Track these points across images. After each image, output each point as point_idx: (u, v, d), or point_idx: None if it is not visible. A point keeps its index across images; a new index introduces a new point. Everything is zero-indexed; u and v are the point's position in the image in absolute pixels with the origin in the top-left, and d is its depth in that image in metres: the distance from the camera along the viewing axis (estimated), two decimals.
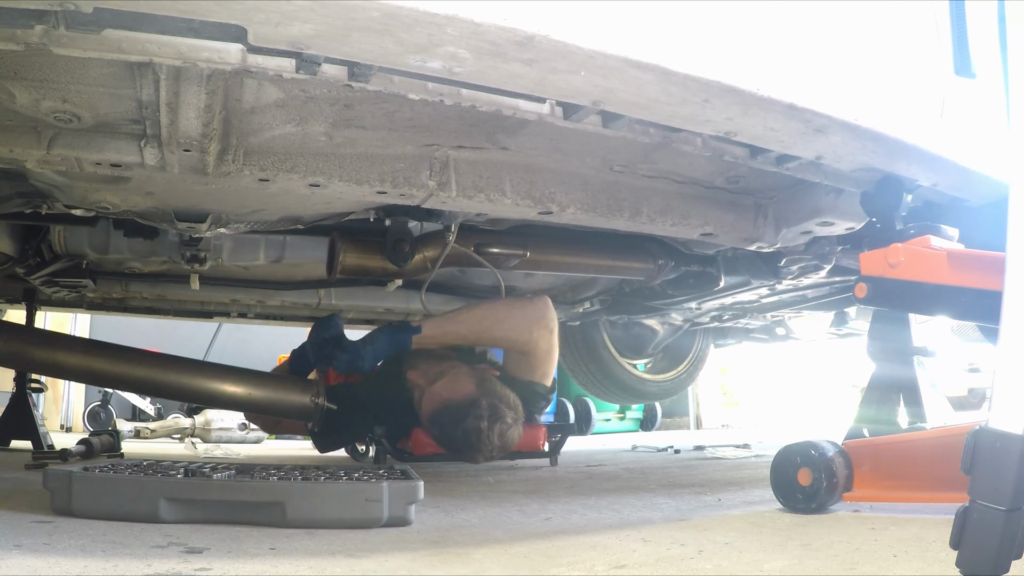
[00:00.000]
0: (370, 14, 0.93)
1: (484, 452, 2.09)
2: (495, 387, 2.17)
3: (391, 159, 1.60)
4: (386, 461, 2.39)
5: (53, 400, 6.47)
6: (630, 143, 1.48)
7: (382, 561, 1.09)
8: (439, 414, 2.16)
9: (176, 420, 4.95)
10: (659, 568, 1.05)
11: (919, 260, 1.45)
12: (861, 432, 1.55)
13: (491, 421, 2.07)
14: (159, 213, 1.88)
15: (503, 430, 2.08)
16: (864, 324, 2.98)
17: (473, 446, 2.08)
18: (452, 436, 2.12)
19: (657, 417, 7.11)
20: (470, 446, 2.09)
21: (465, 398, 2.12)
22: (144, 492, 1.32)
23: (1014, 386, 0.84)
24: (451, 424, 2.11)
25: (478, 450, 2.09)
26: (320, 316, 3.13)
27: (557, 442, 2.87)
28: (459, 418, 2.09)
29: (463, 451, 2.15)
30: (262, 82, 1.32)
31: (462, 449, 2.14)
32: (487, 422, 2.06)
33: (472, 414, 2.07)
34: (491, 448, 2.08)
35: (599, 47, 1.03)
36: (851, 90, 1.31)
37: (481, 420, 2.06)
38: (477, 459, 2.15)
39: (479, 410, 2.07)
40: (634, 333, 3.76)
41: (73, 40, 1.01)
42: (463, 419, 2.08)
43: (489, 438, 2.06)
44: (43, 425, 2.88)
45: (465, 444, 2.09)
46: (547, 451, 2.79)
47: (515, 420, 2.13)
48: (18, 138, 1.39)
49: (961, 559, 0.82)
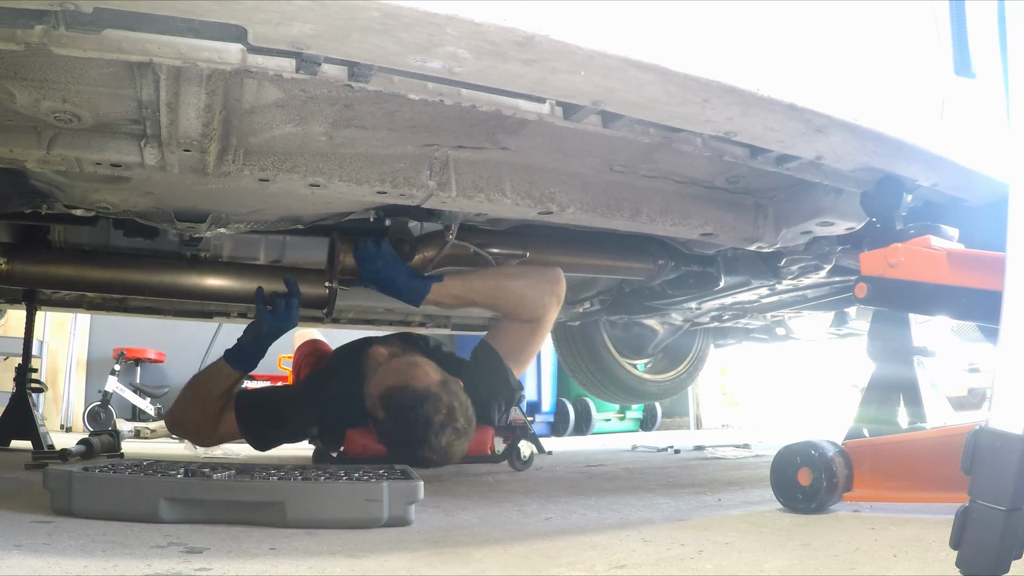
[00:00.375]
0: (370, 14, 0.93)
1: (426, 450, 1.92)
2: (458, 393, 2.03)
3: (391, 159, 1.60)
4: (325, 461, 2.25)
5: (53, 400, 6.47)
6: (630, 143, 1.48)
7: (382, 561, 1.09)
8: (393, 392, 1.99)
9: None
10: (659, 568, 1.05)
11: (919, 260, 1.45)
12: (861, 432, 1.55)
13: (445, 421, 1.92)
14: (159, 213, 1.88)
15: (451, 438, 1.94)
16: (864, 324, 2.98)
17: (418, 438, 1.91)
18: (399, 420, 1.95)
19: (657, 417, 7.11)
20: (415, 438, 1.92)
21: (426, 388, 1.98)
22: (144, 492, 1.32)
23: (1014, 386, 0.84)
24: (402, 408, 1.95)
25: (421, 443, 1.91)
26: (320, 316, 3.14)
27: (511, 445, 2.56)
28: (413, 404, 1.93)
29: (404, 442, 1.96)
30: (262, 82, 1.32)
31: (403, 439, 1.96)
32: (441, 419, 1.92)
33: (430, 404, 1.93)
34: (434, 450, 1.93)
35: (599, 47, 1.03)
36: (851, 90, 1.31)
37: (437, 414, 1.92)
38: (416, 457, 1.94)
39: (438, 404, 1.93)
40: (634, 333, 3.76)
41: (73, 40, 1.01)
42: (417, 406, 1.92)
43: (437, 437, 1.91)
44: (43, 425, 2.87)
45: (410, 434, 1.92)
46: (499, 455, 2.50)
47: (464, 431, 1.98)
48: (18, 138, 1.39)
49: (961, 559, 0.82)
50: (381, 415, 2.03)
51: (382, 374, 2.09)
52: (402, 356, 2.16)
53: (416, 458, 1.94)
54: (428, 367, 2.09)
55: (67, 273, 2.04)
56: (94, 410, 6.25)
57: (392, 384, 2.03)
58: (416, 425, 1.91)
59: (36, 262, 2.01)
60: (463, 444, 2.00)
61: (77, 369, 6.79)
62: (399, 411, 1.96)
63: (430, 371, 2.06)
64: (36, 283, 2.13)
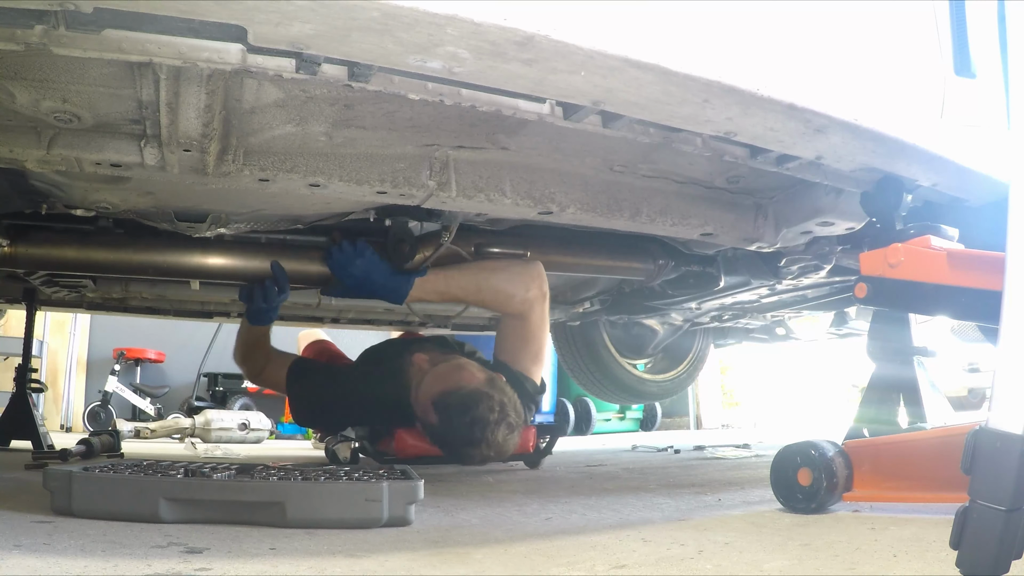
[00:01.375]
0: (370, 14, 0.93)
1: (483, 449, 1.97)
2: (505, 388, 2.07)
3: (391, 159, 1.60)
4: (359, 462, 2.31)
5: (53, 400, 6.48)
6: (630, 143, 1.48)
7: (382, 561, 1.09)
8: (446, 397, 2.02)
9: (176, 420, 4.95)
10: (659, 568, 1.05)
11: (919, 260, 1.45)
12: (861, 432, 1.55)
13: (499, 418, 1.95)
14: (159, 213, 1.88)
15: (506, 432, 1.97)
16: (864, 324, 2.99)
17: (476, 440, 1.95)
18: (455, 424, 1.97)
19: (657, 417, 7.12)
20: (472, 439, 1.95)
21: (476, 388, 2.01)
22: (144, 492, 1.32)
23: (1014, 386, 0.84)
24: (457, 411, 1.97)
25: (479, 444, 1.95)
26: (320, 316, 3.14)
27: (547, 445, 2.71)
28: (468, 406, 1.96)
29: (460, 444, 2.00)
30: (262, 82, 1.32)
31: (459, 442, 2.00)
32: (495, 416, 1.95)
33: (484, 404, 1.95)
34: (491, 447, 1.96)
35: (599, 47, 1.03)
36: (851, 90, 1.31)
37: (492, 412, 1.94)
38: (473, 456, 2.00)
39: (491, 402, 1.96)
40: (634, 333, 3.76)
41: (73, 40, 1.01)
42: (472, 407, 1.95)
43: (493, 434, 1.94)
44: (43, 425, 2.88)
45: (468, 436, 1.96)
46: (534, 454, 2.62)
47: (517, 425, 2.03)
48: (18, 138, 1.39)
49: (961, 559, 0.82)
50: (434, 419, 2.05)
51: (430, 381, 2.11)
52: (445, 361, 2.18)
53: (474, 457, 2.00)
54: (473, 368, 2.12)
55: (70, 255, 2.01)
56: (94, 410, 6.26)
57: (443, 389, 2.05)
58: (474, 426, 1.94)
59: (39, 244, 1.99)
60: (516, 438, 2.04)
61: (77, 369, 6.80)
62: (455, 414, 1.98)
63: (475, 371, 2.09)
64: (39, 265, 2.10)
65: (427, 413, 2.08)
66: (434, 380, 2.10)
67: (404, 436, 2.23)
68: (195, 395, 6.86)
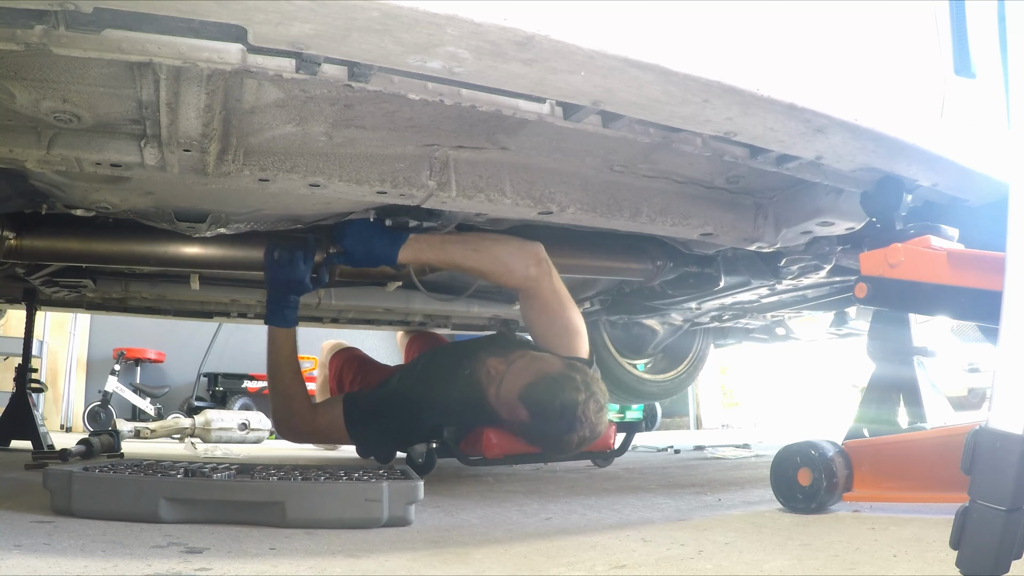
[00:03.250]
0: (370, 14, 0.93)
1: (581, 431, 1.93)
2: (583, 368, 2.04)
3: (391, 159, 1.60)
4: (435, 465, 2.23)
5: (53, 400, 6.48)
6: (630, 143, 1.48)
7: (382, 561, 1.09)
8: (533, 387, 1.98)
9: (176, 420, 4.95)
10: (659, 568, 1.05)
11: (919, 260, 1.45)
12: (861, 432, 1.55)
13: (587, 396, 1.92)
14: (159, 213, 1.88)
15: (596, 409, 1.95)
16: (864, 324, 2.99)
17: (571, 422, 1.91)
18: (548, 411, 1.93)
19: (657, 417, 7.12)
20: (568, 423, 1.92)
21: (560, 373, 1.98)
22: (144, 492, 1.32)
23: (1014, 386, 0.84)
24: (548, 397, 1.93)
25: (575, 426, 1.92)
26: (319, 316, 3.14)
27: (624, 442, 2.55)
28: (556, 390, 1.93)
29: (558, 432, 1.96)
30: (262, 82, 1.32)
31: (556, 430, 1.96)
32: (585, 394, 1.92)
33: (570, 385, 1.92)
34: (586, 426, 1.93)
35: (599, 47, 1.03)
36: (851, 90, 1.31)
37: (579, 392, 1.92)
38: (572, 441, 1.96)
39: (575, 383, 1.93)
40: (634, 333, 3.76)
41: (73, 40, 1.01)
42: (561, 391, 1.92)
43: (585, 413, 1.91)
44: (43, 425, 2.88)
45: (563, 421, 1.92)
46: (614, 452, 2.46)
47: (605, 401, 1.99)
48: (18, 138, 1.39)
49: (961, 559, 0.82)
50: (524, 415, 2.01)
51: (511, 379, 2.06)
52: (519, 359, 2.13)
53: (572, 442, 1.97)
54: (548, 357, 2.09)
55: (75, 247, 2.02)
56: (94, 410, 6.26)
57: (527, 382, 2.01)
58: (566, 410, 1.91)
59: (44, 236, 2.00)
60: (607, 414, 2.02)
61: (77, 369, 6.80)
62: (546, 404, 1.94)
63: (551, 360, 2.07)
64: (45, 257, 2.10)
65: (515, 410, 2.03)
66: (515, 377, 2.05)
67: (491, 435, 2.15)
68: (195, 395, 6.87)
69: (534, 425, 2.01)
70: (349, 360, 3.10)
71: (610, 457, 2.49)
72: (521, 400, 2.00)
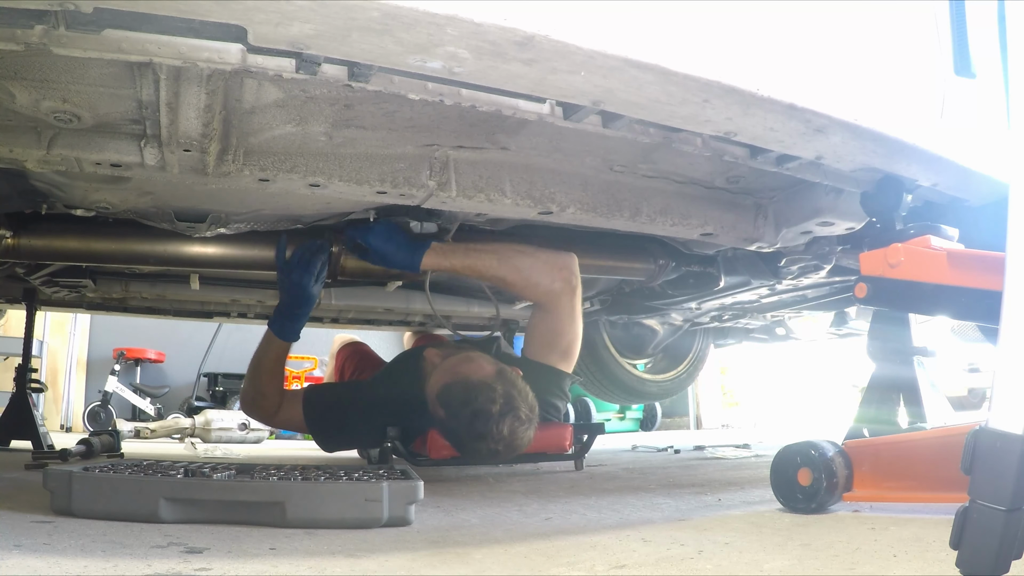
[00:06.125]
0: (370, 14, 0.93)
1: (489, 441, 1.86)
2: (516, 381, 1.96)
3: (391, 159, 1.60)
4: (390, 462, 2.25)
5: (53, 400, 6.47)
6: (630, 143, 1.48)
7: (382, 561, 1.09)
8: (449, 389, 1.95)
9: (176, 420, 4.96)
10: (659, 568, 1.05)
11: (919, 260, 1.45)
12: (861, 432, 1.55)
13: (504, 410, 1.85)
14: (159, 213, 1.88)
15: (514, 425, 1.86)
16: (864, 324, 2.98)
17: (479, 431, 1.85)
18: (458, 415, 1.90)
19: (657, 417, 7.11)
20: (475, 431, 1.86)
21: (481, 380, 1.92)
22: (144, 492, 1.32)
23: (1014, 386, 0.84)
24: (459, 403, 1.90)
25: (484, 438, 1.85)
26: (319, 316, 3.14)
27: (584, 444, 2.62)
28: (469, 398, 1.88)
29: (466, 436, 1.91)
30: (262, 82, 1.32)
31: (465, 434, 1.91)
32: (499, 407, 1.85)
33: (485, 396, 1.86)
34: (497, 440, 1.86)
35: (599, 47, 1.03)
36: (851, 90, 1.31)
37: (493, 404, 1.85)
38: (480, 451, 1.89)
39: (492, 394, 1.87)
40: (634, 333, 3.76)
41: (73, 40, 1.01)
42: (473, 400, 1.87)
43: (498, 428, 1.84)
44: (43, 425, 2.87)
45: (471, 427, 1.87)
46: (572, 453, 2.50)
47: (528, 419, 1.91)
48: (18, 138, 1.39)
49: (961, 559, 0.82)
50: (441, 414, 1.98)
51: (438, 374, 2.05)
52: (456, 354, 2.11)
53: (481, 452, 1.91)
54: (482, 360, 2.04)
55: (73, 246, 2.00)
56: (94, 410, 6.25)
57: (447, 381, 1.99)
58: (475, 418, 1.86)
59: (42, 235, 1.99)
60: (528, 433, 1.93)
61: (77, 369, 6.79)
62: (457, 406, 1.91)
63: (484, 363, 2.01)
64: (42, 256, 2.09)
65: (436, 408, 2.01)
66: (441, 374, 2.03)
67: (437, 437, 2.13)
68: (195, 395, 6.86)
69: (449, 427, 1.99)
70: (352, 354, 3.13)
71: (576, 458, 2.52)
72: (439, 399, 1.98)
